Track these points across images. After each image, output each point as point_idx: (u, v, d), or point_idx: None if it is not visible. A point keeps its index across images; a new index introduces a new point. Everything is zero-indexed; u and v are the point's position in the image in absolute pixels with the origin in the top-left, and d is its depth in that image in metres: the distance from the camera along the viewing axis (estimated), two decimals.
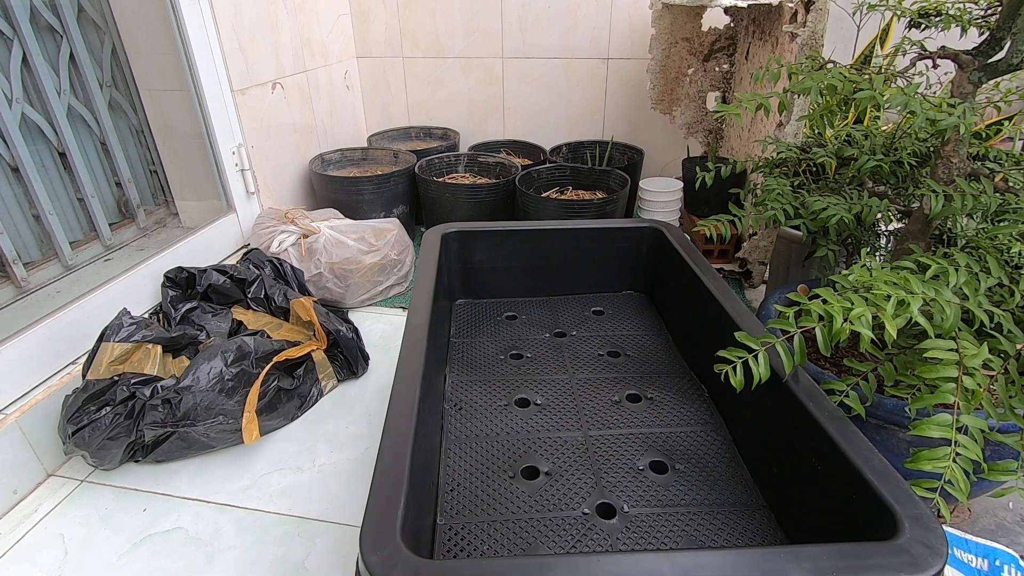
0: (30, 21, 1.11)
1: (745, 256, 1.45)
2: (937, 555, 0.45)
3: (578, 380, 0.90)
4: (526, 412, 0.84)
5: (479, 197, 1.62)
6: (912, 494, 0.51)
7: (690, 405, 0.85)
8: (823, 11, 1.14)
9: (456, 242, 1.07)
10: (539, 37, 1.92)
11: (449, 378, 0.91)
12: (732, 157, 1.54)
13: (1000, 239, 0.75)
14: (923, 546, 0.46)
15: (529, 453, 0.76)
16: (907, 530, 0.47)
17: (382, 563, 0.45)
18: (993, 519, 0.88)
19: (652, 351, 0.97)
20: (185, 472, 0.97)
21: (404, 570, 0.45)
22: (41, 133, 1.16)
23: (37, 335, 1.00)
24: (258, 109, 1.54)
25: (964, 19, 0.81)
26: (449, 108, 2.11)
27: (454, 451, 0.77)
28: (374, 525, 0.49)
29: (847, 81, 0.73)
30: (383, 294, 1.47)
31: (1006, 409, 0.56)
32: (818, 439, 0.59)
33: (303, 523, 0.88)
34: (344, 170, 1.84)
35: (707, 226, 0.95)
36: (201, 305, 1.16)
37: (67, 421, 0.90)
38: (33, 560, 0.83)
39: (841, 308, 0.57)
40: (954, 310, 0.58)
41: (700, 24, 1.66)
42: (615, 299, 1.13)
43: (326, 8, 1.84)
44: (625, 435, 0.79)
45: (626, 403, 0.85)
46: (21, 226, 1.14)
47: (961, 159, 0.78)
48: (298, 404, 1.09)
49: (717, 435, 0.79)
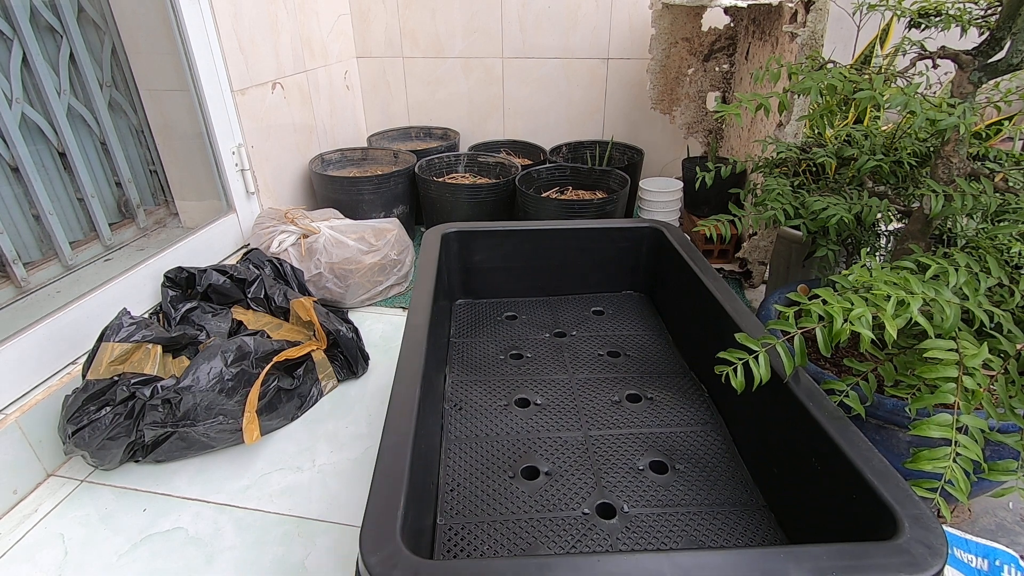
0: (30, 21, 1.11)
1: (745, 256, 1.45)
2: (937, 555, 0.45)
3: (578, 380, 0.90)
4: (526, 412, 0.84)
5: (479, 197, 1.62)
6: (912, 494, 0.51)
7: (690, 405, 0.85)
8: (823, 11, 1.14)
9: (456, 242, 1.07)
10: (539, 37, 1.92)
11: (449, 378, 0.91)
12: (732, 157, 1.54)
13: (1000, 239, 0.75)
14: (923, 546, 0.46)
15: (529, 453, 0.76)
16: (907, 530, 0.47)
17: (382, 563, 0.45)
18: (993, 519, 0.88)
19: (652, 351, 0.97)
20: (185, 472, 0.98)
21: (404, 570, 0.45)
22: (41, 133, 1.16)
23: (37, 335, 1.00)
24: (258, 109, 1.54)
25: (964, 19, 0.81)
26: (449, 108, 2.11)
27: (454, 451, 0.77)
28: (374, 525, 0.49)
29: (847, 81, 0.73)
30: (383, 294, 1.47)
31: (1006, 409, 0.56)
32: (818, 439, 0.59)
33: (303, 523, 0.88)
34: (344, 170, 1.84)
35: (707, 226, 0.95)
36: (201, 305, 1.16)
37: (67, 421, 0.90)
38: (33, 560, 0.83)
39: (841, 308, 0.57)
40: (954, 310, 0.58)
41: (700, 24, 1.66)
42: (615, 299, 1.13)
43: (326, 8, 1.84)
44: (625, 435, 0.79)
45: (626, 403, 0.85)
46: (21, 226, 1.14)
47: (961, 159, 0.78)
48: (298, 404, 1.09)
49: (717, 435, 0.79)
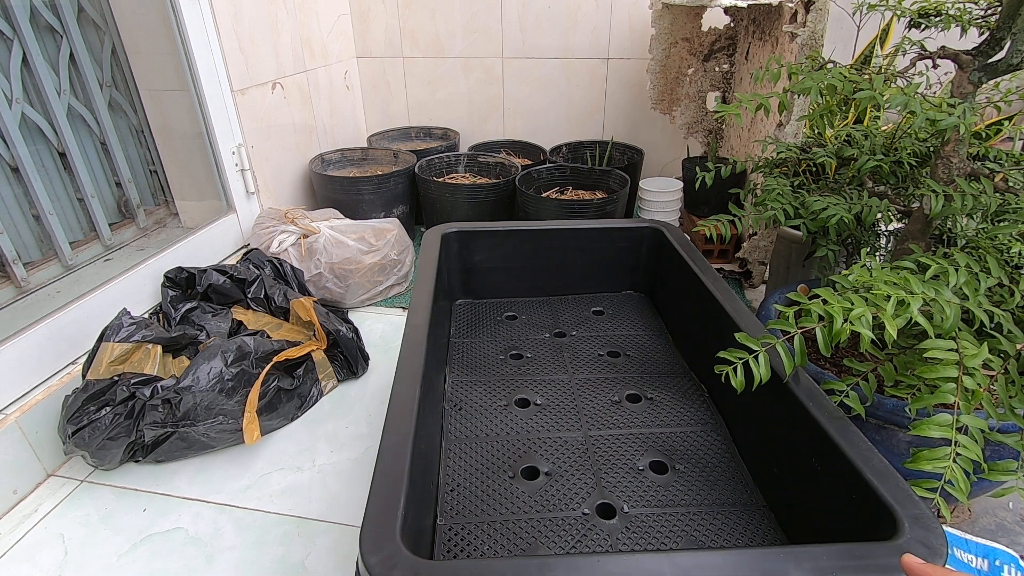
0: (30, 21, 1.11)
1: (745, 256, 1.45)
2: (937, 555, 0.45)
3: (578, 380, 0.90)
4: (526, 412, 0.84)
5: (479, 197, 1.62)
6: (912, 494, 0.51)
7: (690, 405, 0.85)
8: (823, 11, 1.14)
9: (456, 242, 1.07)
10: (539, 37, 1.92)
11: (449, 378, 0.91)
12: (732, 157, 1.54)
13: (1000, 239, 0.75)
14: (923, 546, 0.46)
15: (529, 453, 0.76)
16: (907, 530, 0.47)
17: (382, 563, 0.45)
18: (993, 519, 0.88)
19: (652, 351, 0.97)
20: (185, 472, 0.98)
21: (404, 570, 0.45)
22: (41, 133, 1.16)
23: (37, 335, 1.00)
24: (258, 109, 1.54)
25: (964, 19, 0.81)
26: (449, 108, 2.11)
27: (454, 451, 0.77)
28: (374, 525, 0.49)
29: (847, 81, 0.72)
30: (383, 294, 1.47)
31: (1006, 409, 0.56)
32: (818, 439, 0.59)
33: (303, 523, 0.88)
34: (344, 170, 1.84)
35: (707, 226, 0.95)
36: (201, 305, 1.16)
37: (67, 421, 0.90)
38: (33, 560, 0.83)
39: (841, 308, 0.57)
40: (954, 310, 0.58)
41: (700, 24, 1.66)
42: (615, 299, 1.13)
43: (326, 8, 1.84)
44: (625, 435, 0.79)
45: (626, 403, 0.85)
46: (21, 226, 1.14)
47: (961, 159, 0.78)
48: (298, 404, 1.09)
49: (717, 435, 0.79)
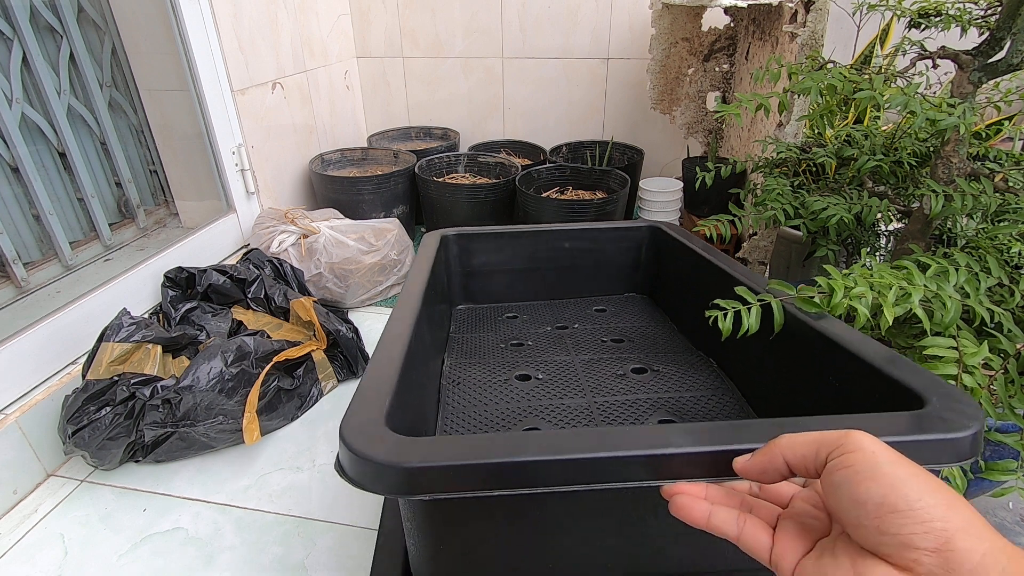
0: (30, 21, 1.11)
1: (745, 256, 1.45)
2: (973, 417, 0.44)
3: (581, 360, 0.88)
4: (528, 385, 0.81)
5: (479, 197, 1.62)
6: (940, 380, 0.50)
7: (698, 375, 0.82)
8: (823, 11, 1.14)
9: (455, 245, 1.06)
10: (539, 37, 1.92)
11: (447, 361, 0.89)
12: (732, 157, 1.54)
13: (1000, 239, 0.75)
14: (954, 413, 0.45)
15: (530, 419, 0.73)
16: (934, 403, 0.47)
17: (358, 431, 0.44)
18: (993, 519, 0.88)
19: (657, 337, 0.95)
20: (185, 472, 0.97)
21: (387, 444, 0.43)
22: (41, 133, 1.16)
23: (37, 335, 1.00)
24: (258, 109, 1.54)
25: (964, 19, 0.81)
26: (449, 108, 2.11)
27: (451, 418, 0.75)
28: (358, 410, 0.47)
29: (847, 81, 0.73)
30: (383, 294, 1.47)
31: (1005, 408, 0.56)
32: (837, 353, 0.58)
33: (303, 523, 0.88)
34: (344, 170, 1.84)
35: (707, 226, 0.95)
36: (201, 305, 1.16)
37: (67, 421, 0.90)
38: (33, 560, 0.83)
39: (843, 285, 0.57)
40: (955, 304, 0.58)
41: (700, 24, 1.66)
42: (617, 300, 1.13)
43: (326, 8, 1.84)
44: (632, 400, 0.76)
45: (631, 375, 0.83)
46: (21, 226, 1.14)
47: (961, 159, 0.78)
48: (298, 404, 1.09)
49: (730, 398, 0.77)
